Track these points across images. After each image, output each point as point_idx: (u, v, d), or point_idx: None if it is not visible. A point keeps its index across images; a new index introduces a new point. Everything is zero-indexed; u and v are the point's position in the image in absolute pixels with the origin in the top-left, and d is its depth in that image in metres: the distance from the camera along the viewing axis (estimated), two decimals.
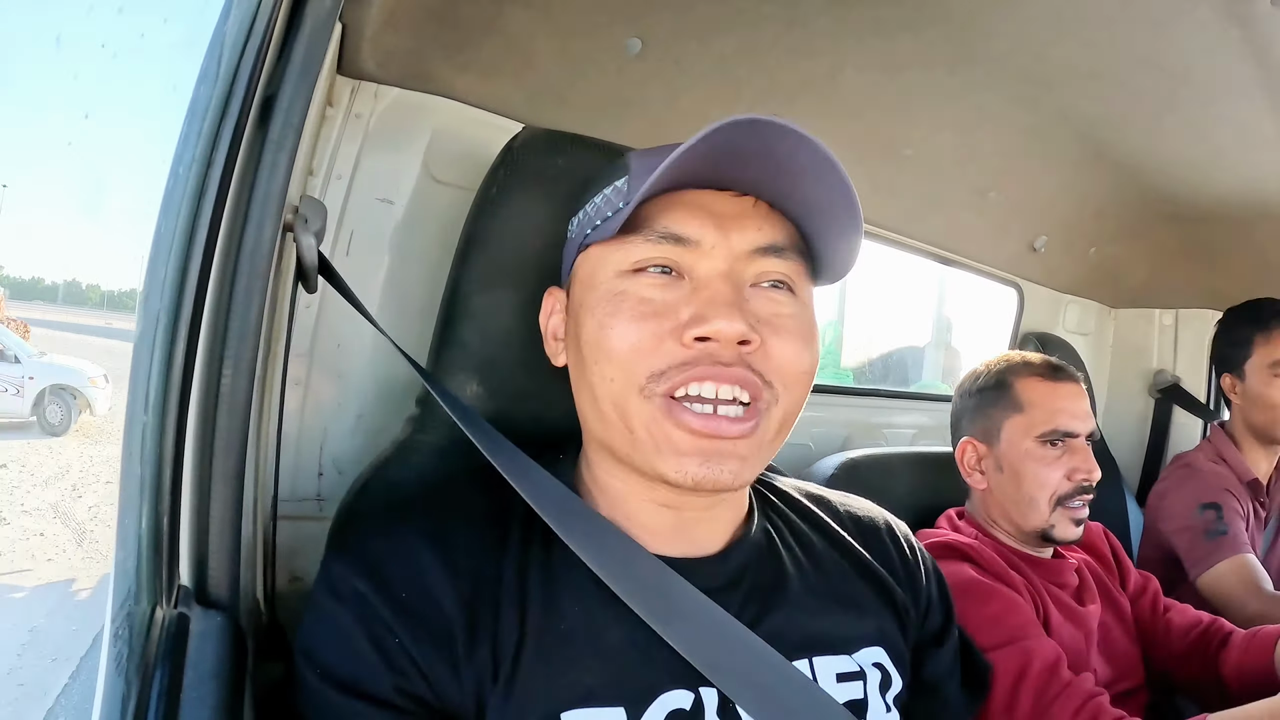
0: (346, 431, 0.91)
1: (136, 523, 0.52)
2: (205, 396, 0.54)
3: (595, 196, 0.64)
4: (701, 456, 0.56)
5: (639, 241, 0.58)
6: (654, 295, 0.58)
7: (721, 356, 0.56)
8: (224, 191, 0.52)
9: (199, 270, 0.51)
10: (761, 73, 1.08)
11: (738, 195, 0.60)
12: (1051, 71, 1.18)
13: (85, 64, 0.88)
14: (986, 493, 1.16)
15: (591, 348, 0.59)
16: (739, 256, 0.59)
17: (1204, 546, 1.47)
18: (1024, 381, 1.15)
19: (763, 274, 0.60)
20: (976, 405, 1.19)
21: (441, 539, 0.58)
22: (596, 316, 0.59)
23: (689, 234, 0.58)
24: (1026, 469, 1.11)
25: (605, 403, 0.59)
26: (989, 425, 1.16)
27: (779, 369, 0.59)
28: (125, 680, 0.48)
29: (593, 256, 0.62)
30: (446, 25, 0.85)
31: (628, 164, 0.63)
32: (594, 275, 0.61)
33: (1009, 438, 1.14)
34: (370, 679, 0.52)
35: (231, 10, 0.50)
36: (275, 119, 0.55)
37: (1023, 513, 1.12)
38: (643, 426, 0.57)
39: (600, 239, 0.61)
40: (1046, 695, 0.89)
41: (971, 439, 1.18)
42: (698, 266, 0.58)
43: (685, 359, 0.56)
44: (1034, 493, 1.10)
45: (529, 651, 0.55)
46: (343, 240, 0.88)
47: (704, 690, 0.57)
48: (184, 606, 0.53)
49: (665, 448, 0.57)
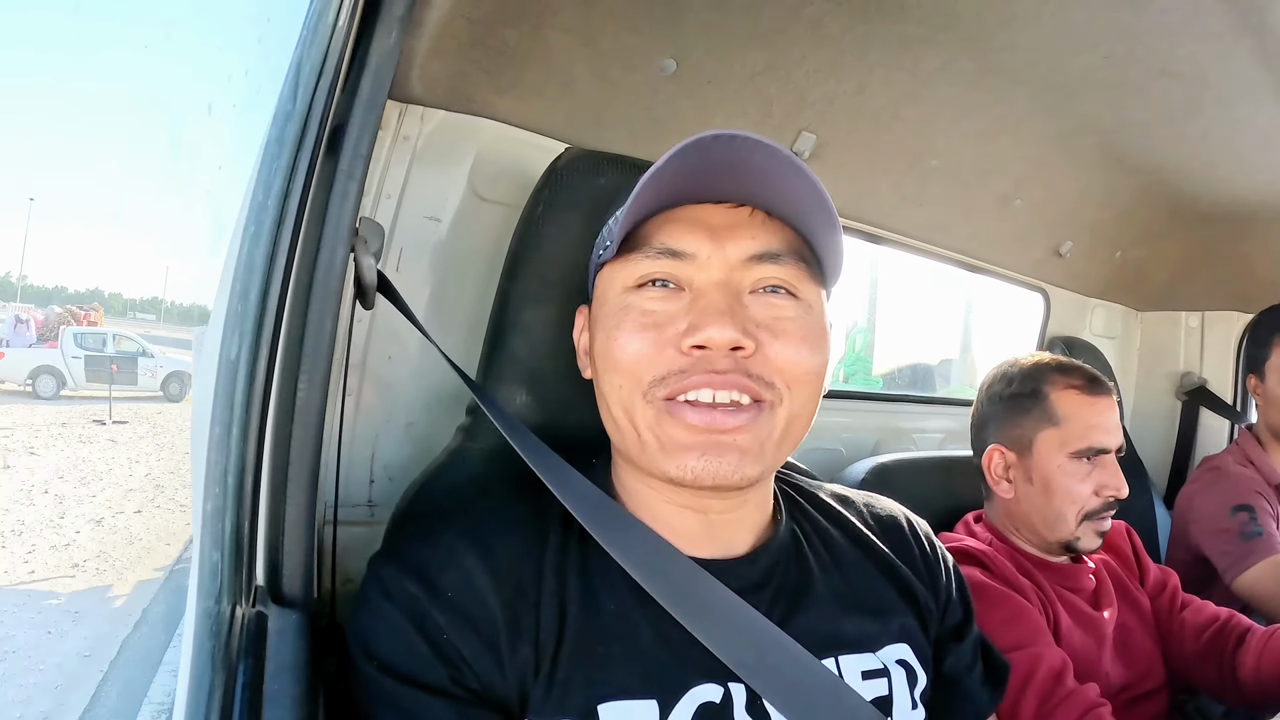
0: (397, 440, 0.95)
1: (219, 529, 0.55)
2: (281, 410, 0.58)
3: (617, 213, 0.65)
4: (700, 450, 0.59)
5: (639, 258, 0.62)
6: (656, 307, 0.61)
7: (716, 364, 0.59)
8: (299, 218, 0.56)
9: (278, 293, 0.55)
10: (790, 89, 1.11)
11: (734, 206, 0.63)
12: (1072, 82, 1.20)
13: (224, 123, 0.95)
14: (1012, 501, 1.14)
15: (603, 359, 0.63)
16: (734, 266, 0.61)
17: (1240, 548, 1.46)
18: (1060, 394, 1.13)
19: (760, 280, 0.62)
20: (1007, 412, 1.16)
21: (484, 543, 0.61)
22: (605, 329, 0.63)
23: (684, 248, 0.61)
24: (1058, 484, 1.09)
25: (617, 409, 0.62)
26: (1021, 435, 1.13)
27: (780, 370, 0.61)
28: (211, 673, 0.52)
29: (605, 276, 0.66)
30: (489, 51, 0.89)
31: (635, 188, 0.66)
32: (605, 293, 0.65)
33: (1042, 451, 1.11)
34: (426, 671, 0.56)
35: (305, 51, 0.54)
36: (345, 150, 0.59)
37: (1049, 525, 1.10)
38: (647, 429, 0.61)
39: (608, 259, 0.64)
40: (1049, 703, 0.90)
41: (1001, 447, 1.16)
42: (696, 278, 0.61)
43: (683, 366, 0.59)
44: (1063, 507, 1.09)
45: (567, 648, 0.58)
46: (393, 257, 0.92)
47: (733, 686, 0.60)
48: (261, 605, 0.57)
49: (667, 446, 0.60)
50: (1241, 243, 1.86)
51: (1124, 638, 1.15)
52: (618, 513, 0.64)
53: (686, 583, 0.61)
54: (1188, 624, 1.20)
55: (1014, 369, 1.20)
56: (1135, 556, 1.29)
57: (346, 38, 0.57)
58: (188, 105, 9.05)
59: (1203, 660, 1.16)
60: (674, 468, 0.59)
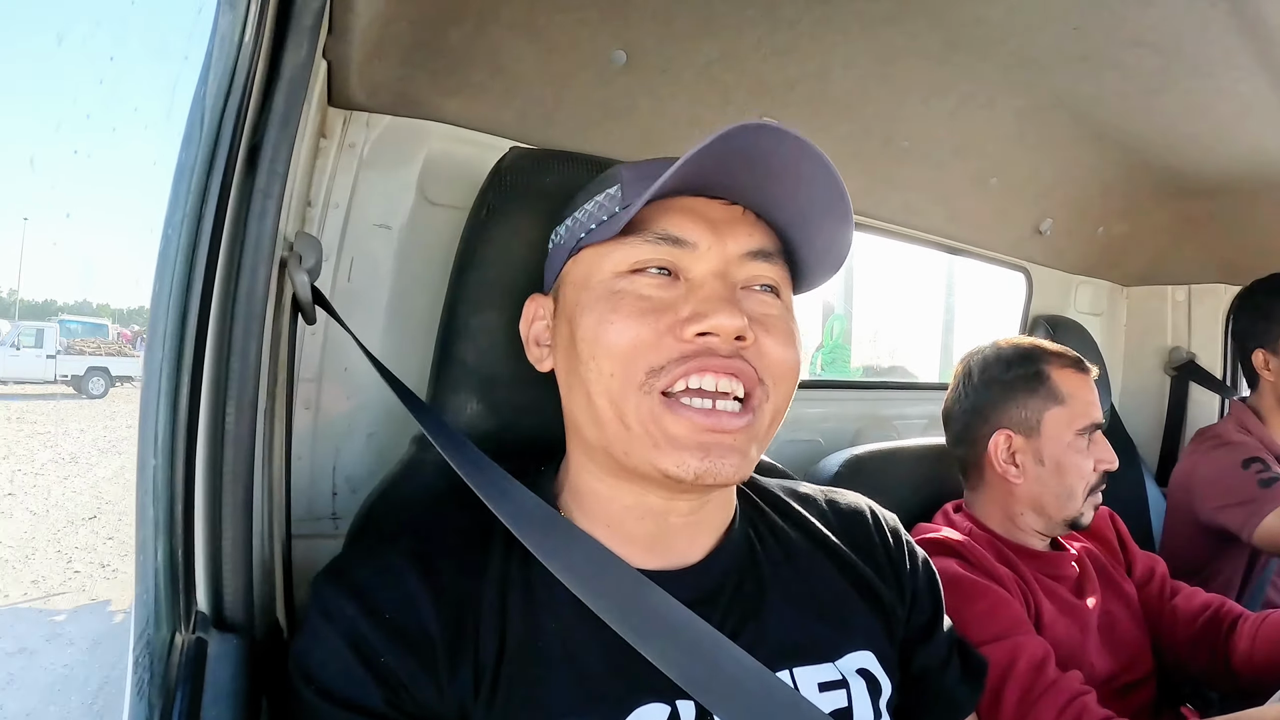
0: (358, 451, 0.94)
1: (153, 558, 0.55)
2: (212, 436, 0.57)
3: (585, 204, 0.66)
4: (702, 450, 0.57)
5: (638, 243, 0.60)
6: (652, 294, 0.60)
7: (720, 350, 0.58)
8: (216, 241, 0.55)
9: (197, 319, 0.54)
10: (749, 76, 1.09)
11: (727, 203, 0.62)
12: (1042, 55, 1.18)
13: (61, 172, 0.93)
14: (1021, 485, 1.12)
15: (589, 344, 0.60)
16: (731, 259, 0.61)
17: (1262, 495, 1.44)
18: (1060, 373, 1.14)
19: (753, 277, 0.62)
20: (1011, 394, 1.14)
21: (426, 561, 0.60)
22: (596, 313, 0.60)
23: (686, 236, 0.60)
24: (1070, 462, 1.10)
25: (601, 399, 0.59)
26: (1028, 416, 1.13)
27: (770, 366, 0.61)
28: (148, 704, 0.52)
29: (586, 259, 0.63)
30: (432, 52, 0.87)
31: (618, 174, 0.65)
32: (589, 276, 0.62)
33: (1052, 431, 1.11)
34: (362, 694, 0.55)
35: (210, 73, 0.52)
36: (261, 168, 0.57)
37: (1061, 504, 1.11)
38: (639, 422, 0.58)
39: (595, 241, 0.62)
40: (1032, 693, 0.89)
41: (1008, 430, 1.14)
42: (694, 268, 0.60)
43: (684, 353, 0.58)
44: (1074, 484, 1.10)
45: (508, 668, 0.57)
46: (344, 268, 0.91)
47: (680, 703, 0.58)
48: (202, 631, 0.56)
49: (664, 443, 0.58)
50: (1226, 214, 1.84)
51: (1109, 625, 1.14)
52: (562, 526, 0.63)
53: (632, 597, 0.59)
54: (1179, 611, 1.19)
55: (1005, 352, 1.18)
56: (1121, 544, 1.28)
57: (255, 55, 0.56)
58: None
59: (1195, 648, 1.16)
60: (673, 465, 0.57)
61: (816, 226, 0.62)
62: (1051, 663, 0.92)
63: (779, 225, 0.64)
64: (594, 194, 0.65)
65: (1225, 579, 1.60)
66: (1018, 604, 0.99)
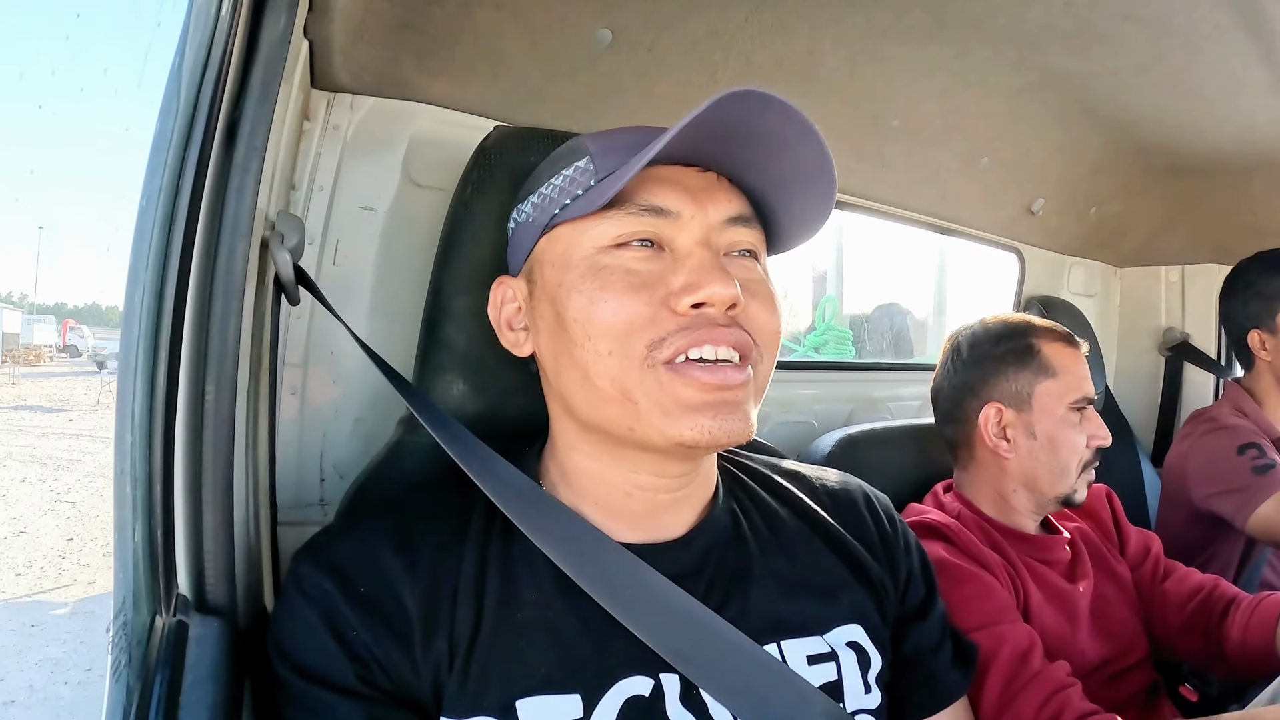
0: (345, 436, 0.93)
1: (130, 538, 0.54)
2: (192, 414, 0.56)
3: (552, 179, 0.64)
4: (713, 410, 0.57)
5: (619, 216, 0.59)
6: (640, 267, 0.59)
7: (717, 320, 0.58)
8: (194, 217, 0.54)
9: (174, 294, 0.53)
10: (736, 54, 1.08)
11: (701, 170, 0.62)
12: (1031, 32, 1.17)
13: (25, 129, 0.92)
14: (1013, 460, 1.12)
15: (581, 325, 0.59)
16: (714, 226, 0.60)
17: (1256, 482, 1.43)
18: (1051, 346, 1.13)
19: (735, 243, 0.62)
20: (1002, 368, 1.14)
21: (404, 537, 0.60)
22: (585, 293, 0.59)
23: (669, 205, 0.59)
24: (1062, 435, 1.10)
25: (602, 379, 0.58)
26: (1019, 389, 1.12)
27: (758, 330, 0.60)
28: (126, 687, 0.51)
29: (562, 237, 0.62)
30: (416, 33, 0.86)
31: (582, 146, 0.64)
32: (568, 254, 0.61)
33: (1043, 404, 1.11)
34: (335, 670, 0.54)
35: (186, 45, 0.52)
36: (239, 143, 0.56)
37: (1054, 480, 1.10)
38: (647, 395, 0.57)
39: (572, 217, 0.61)
40: (1015, 684, 0.87)
41: (999, 404, 1.13)
42: (678, 238, 0.60)
43: (682, 325, 0.57)
44: (1068, 459, 1.09)
45: (483, 641, 0.56)
46: (329, 250, 0.90)
47: (664, 676, 0.58)
48: (183, 614, 0.55)
49: (675, 409, 0.57)
50: (1219, 193, 1.83)
51: (1101, 610, 1.12)
52: (547, 501, 0.62)
53: (616, 569, 0.59)
54: (1170, 594, 1.18)
55: (994, 328, 1.18)
56: (1116, 523, 1.27)
57: (232, 29, 0.55)
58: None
59: (1188, 631, 1.14)
60: (687, 429, 0.57)
61: (797, 191, 0.62)
62: (1037, 653, 0.90)
63: (754, 190, 0.64)
64: (559, 168, 0.64)
65: (1223, 562, 1.59)
66: (1005, 591, 0.98)
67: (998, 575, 1.00)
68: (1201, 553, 1.59)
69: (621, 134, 0.64)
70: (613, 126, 0.97)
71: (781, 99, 0.54)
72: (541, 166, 0.67)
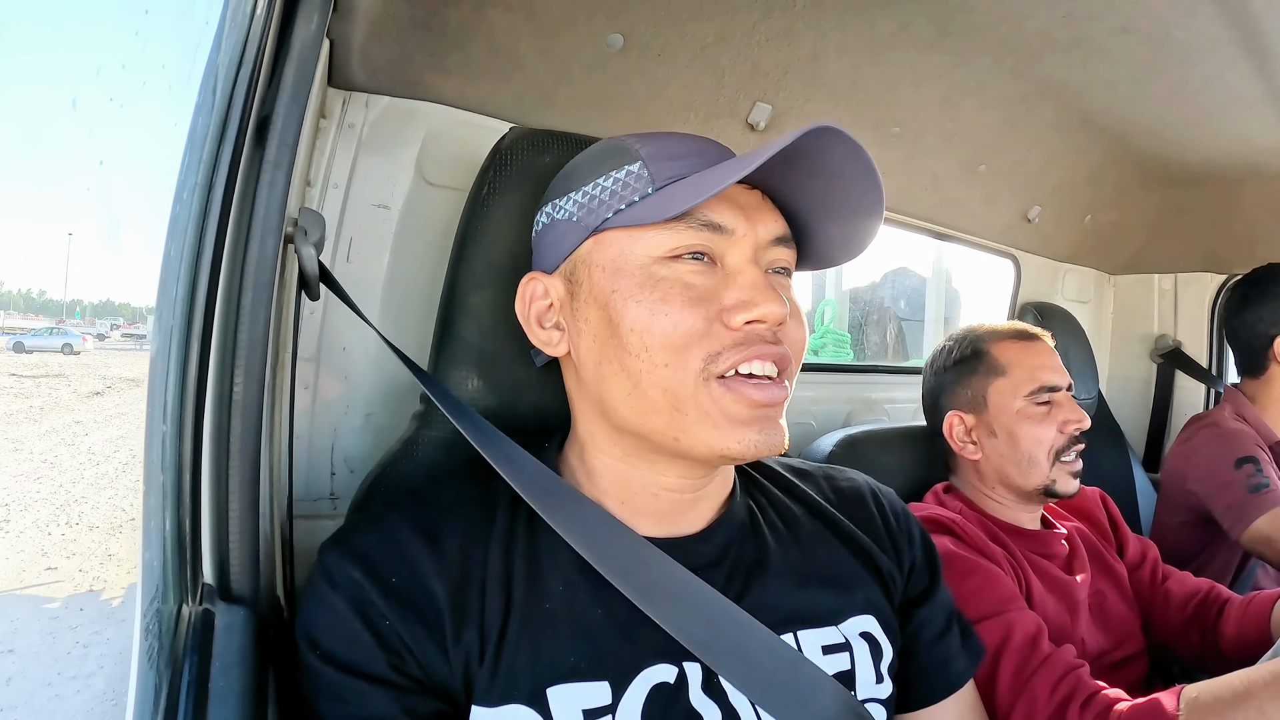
0: (356, 431, 0.94)
1: (160, 526, 0.55)
2: (219, 405, 0.57)
3: (600, 180, 0.64)
4: (759, 425, 0.59)
5: (679, 228, 0.60)
6: (695, 281, 0.60)
7: (767, 337, 0.60)
8: (226, 211, 0.55)
9: (206, 287, 0.54)
10: (743, 60, 1.10)
11: (748, 187, 0.63)
12: (1031, 43, 1.19)
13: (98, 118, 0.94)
14: (981, 462, 1.17)
15: (639, 335, 0.59)
16: (761, 245, 0.62)
17: (1248, 500, 1.44)
18: (998, 346, 1.18)
19: (775, 261, 0.64)
20: (955, 378, 1.20)
21: (430, 528, 0.61)
22: (645, 303, 0.59)
23: (725, 222, 0.60)
24: (1022, 429, 1.13)
25: (654, 389, 0.59)
26: (974, 394, 1.18)
27: (794, 345, 0.63)
28: (156, 672, 0.52)
29: (615, 241, 0.62)
30: (431, 33, 0.87)
31: (631, 149, 0.64)
32: (621, 260, 0.61)
33: (997, 401, 1.15)
34: (366, 659, 0.55)
35: (223, 42, 0.53)
36: (271, 140, 0.58)
37: (1024, 473, 1.13)
38: (698, 408, 0.59)
39: (627, 224, 0.61)
40: (1027, 668, 0.89)
41: (958, 411, 1.19)
42: (729, 253, 0.61)
43: (738, 340, 0.59)
44: (1033, 450, 1.12)
45: (513, 631, 0.58)
46: (343, 247, 0.91)
47: (688, 665, 0.60)
48: (209, 603, 0.56)
49: (724, 423, 0.59)
50: (1212, 203, 1.86)
51: (1099, 603, 1.16)
52: (569, 492, 0.64)
53: (638, 560, 0.61)
54: (1172, 596, 1.21)
55: (949, 343, 1.25)
56: (1113, 526, 1.30)
57: (265, 28, 0.56)
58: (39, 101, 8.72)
59: (1186, 632, 1.17)
60: (735, 443, 0.59)
61: (838, 219, 0.64)
62: (1045, 637, 0.93)
63: (794, 211, 0.65)
64: (606, 169, 0.64)
65: (1220, 564, 1.60)
66: (1009, 580, 1.00)
67: (1002, 566, 1.02)
68: (1198, 556, 1.61)
69: (671, 140, 0.64)
70: (620, 129, 0.99)
71: (853, 139, 0.56)
72: (581, 163, 0.67)
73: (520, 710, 0.55)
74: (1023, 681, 0.89)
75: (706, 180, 0.58)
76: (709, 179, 0.58)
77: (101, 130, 1.10)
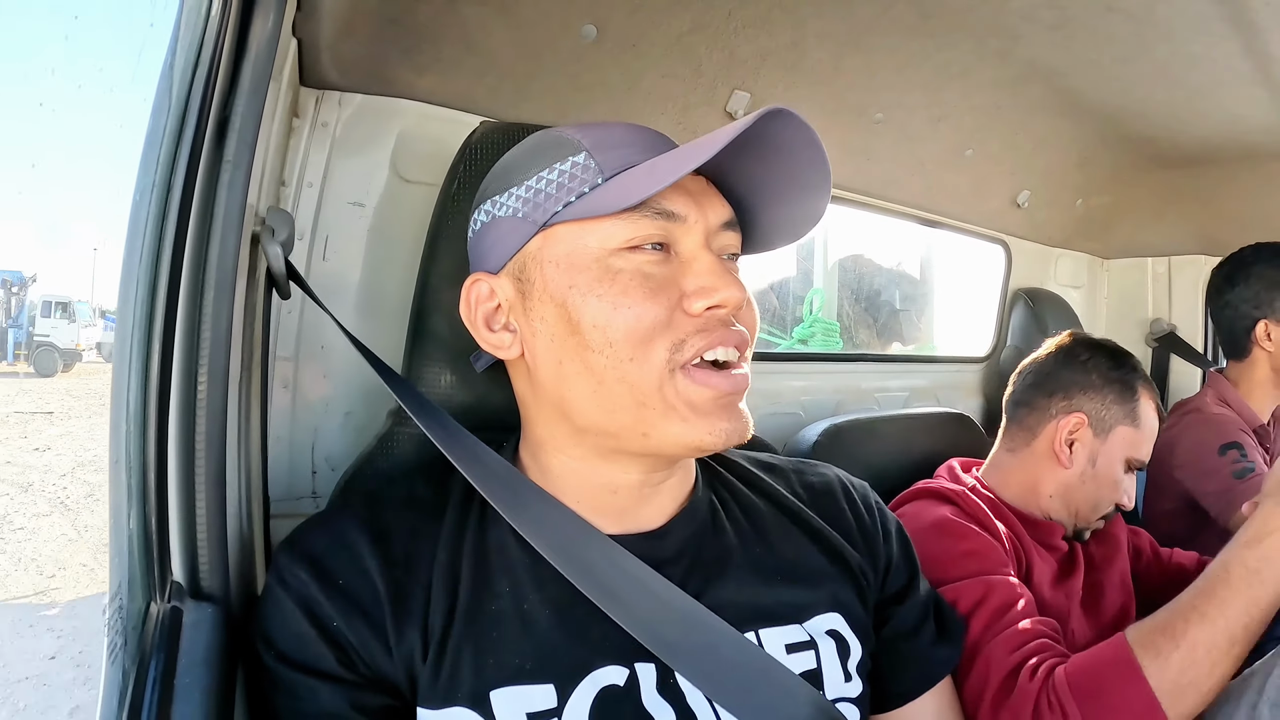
0: (336, 429, 0.94)
1: (125, 525, 0.55)
2: (184, 404, 0.58)
3: (542, 172, 0.61)
4: (727, 414, 0.59)
5: (634, 219, 0.58)
6: (653, 271, 0.59)
7: (726, 322, 0.60)
8: (185, 211, 0.55)
9: (167, 287, 0.55)
10: (720, 48, 1.09)
11: (694, 174, 0.62)
12: (1014, 24, 1.18)
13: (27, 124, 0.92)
14: (1069, 474, 1.13)
15: (601, 331, 0.58)
16: (711, 230, 0.62)
17: (1236, 486, 1.44)
18: (1147, 400, 1.16)
19: (724, 247, 0.63)
20: (1106, 389, 1.15)
21: (378, 527, 0.61)
22: (605, 298, 0.58)
23: (678, 210, 0.59)
24: (1113, 478, 1.13)
25: (619, 385, 0.58)
26: (1107, 418, 1.14)
27: (749, 328, 0.62)
28: (121, 670, 0.52)
29: (565, 236, 0.60)
30: (403, 29, 0.87)
31: (573, 140, 0.62)
32: (573, 254, 0.59)
33: (1117, 442, 1.13)
34: (316, 657, 0.56)
35: (178, 43, 0.53)
36: (230, 139, 0.57)
37: (1084, 509, 1.13)
38: (664, 401, 0.58)
39: (577, 217, 0.59)
40: (995, 628, 0.88)
41: (1086, 416, 1.14)
42: (682, 240, 0.61)
43: (699, 327, 0.59)
44: (1104, 500, 1.13)
45: (457, 631, 0.57)
46: (319, 246, 0.91)
47: (640, 665, 0.59)
48: (177, 600, 0.57)
49: (692, 415, 0.58)
50: (1205, 185, 1.85)
51: (1094, 597, 1.15)
52: (532, 490, 0.63)
53: (598, 557, 0.60)
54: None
55: (1115, 352, 1.19)
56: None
57: (222, 28, 0.56)
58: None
59: None
60: (707, 434, 0.58)
61: (784, 200, 0.64)
62: (1024, 608, 0.91)
63: (737, 195, 0.65)
64: (548, 161, 0.62)
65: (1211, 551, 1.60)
66: (1005, 555, 0.99)
67: (1001, 543, 1.01)
68: (1187, 542, 1.60)
69: (612, 129, 0.63)
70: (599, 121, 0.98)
71: (802, 119, 0.56)
72: (518, 157, 0.65)
73: (462, 713, 0.55)
74: (990, 637, 0.87)
75: (661, 168, 0.57)
76: (664, 167, 0.57)
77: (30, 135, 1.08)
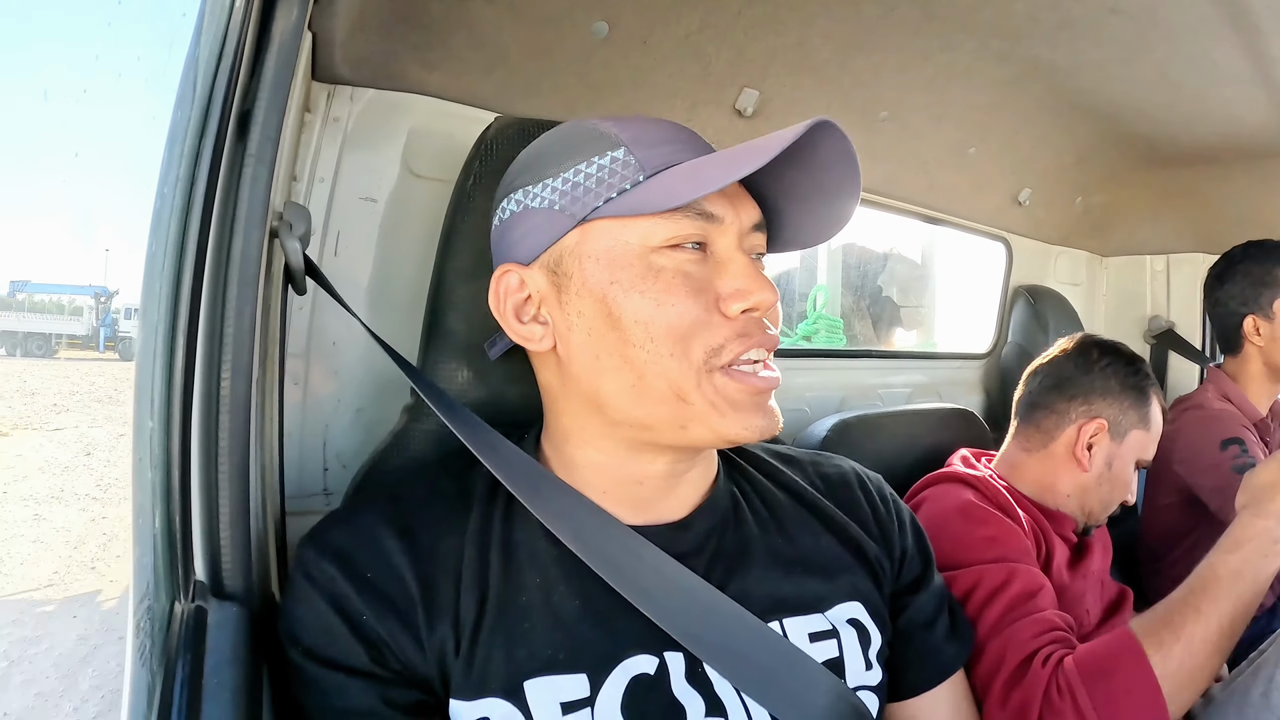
0: (347, 426, 0.94)
1: (151, 524, 0.55)
2: (207, 400, 0.57)
3: (580, 165, 0.61)
4: (760, 410, 0.60)
5: (676, 218, 0.58)
6: (693, 270, 0.59)
7: (761, 324, 0.61)
8: (209, 206, 0.55)
9: (191, 282, 0.54)
10: (728, 47, 1.09)
11: None
12: (1018, 24, 1.19)
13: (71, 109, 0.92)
14: (1087, 475, 1.14)
15: (644, 327, 0.58)
16: (744, 232, 0.62)
17: (1236, 481, 1.43)
18: (1156, 404, 1.18)
19: (753, 247, 0.64)
20: (1121, 395, 1.16)
21: (402, 522, 0.60)
22: (649, 295, 0.58)
23: (716, 211, 0.60)
24: (1125, 480, 1.15)
25: (660, 380, 0.58)
26: (1123, 421, 1.15)
27: (774, 325, 0.63)
28: (149, 671, 0.52)
29: (605, 231, 0.60)
30: (415, 25, 0.87)
31: (612, 135, 0.61)
32: (614, 250, 0.59)
33: (1129, 446, 1.15)
34: (345, 653, 0.56)
35: (202, 35, 0.53)
36: (252, 133, 0.57)
37: (1096, 509, 1.15)
38: (704, 397, 0.59)
39: (619, 213, 0.59)
40: (1017, 612, 0.88)
41: (1105, 421, 1.15)
42: (717, 241, 0.61)
43: (738, 330, 0.60)
44: (1115, 499, 1.15)
45: (488, 624, 0.57)
46: (330, 241, 0.91)
47: (669, 655, 0.60)
48: (201, 600, 0.56)
49: (729, 411, 0.59)
50: (1203, 184, 1.86)
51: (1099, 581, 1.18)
52: (553, 482, 0.63)
53: (621, 549, 0.61)
54: None
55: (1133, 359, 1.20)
56: None
57: (245, 21, 0.56)
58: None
59: None
60: (742, 429, 0.59)
61: (813, 204, 0.64)
62: (1046, 599, 0.92)
63: (764, 196, 0.65)
64: (586, 155, 0.61)
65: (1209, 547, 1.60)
66: (1027, 542, 1.00)
67: (1022, 529, 1.02)
68: (1188, 537, 1.61)
69: (649, 125, 0.63)
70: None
71: (841, 129, 0.56)
72: (551, 148, 0.64)
73: (497, 704, 0.55)
74: (1008, 622, 0.88)
75: (707, 172, 0.57)
76: (709, 171, 0.57)
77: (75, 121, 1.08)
